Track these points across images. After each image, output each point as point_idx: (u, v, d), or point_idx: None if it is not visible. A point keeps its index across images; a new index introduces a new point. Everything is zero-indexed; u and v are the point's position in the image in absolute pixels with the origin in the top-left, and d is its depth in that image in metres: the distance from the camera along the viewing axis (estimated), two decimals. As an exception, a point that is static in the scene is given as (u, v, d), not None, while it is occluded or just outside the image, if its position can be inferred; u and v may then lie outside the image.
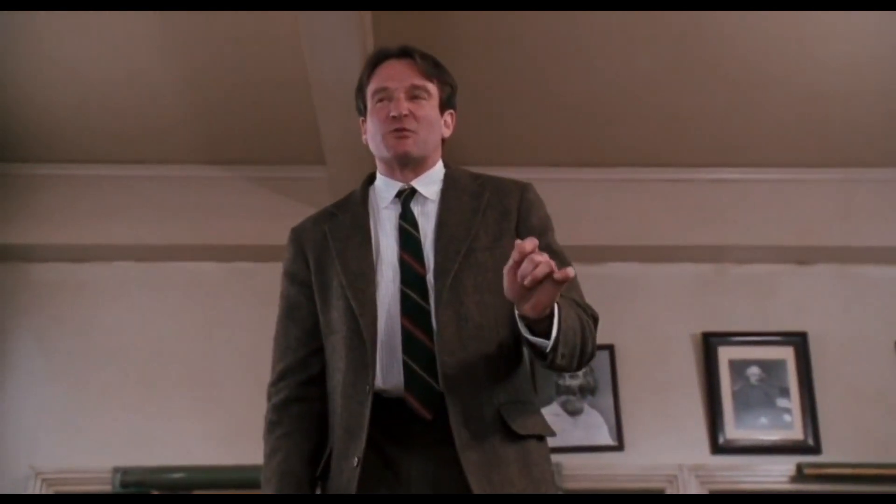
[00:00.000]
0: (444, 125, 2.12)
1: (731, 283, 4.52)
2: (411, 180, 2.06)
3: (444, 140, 2.14)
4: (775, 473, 4.13)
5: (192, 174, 4.50)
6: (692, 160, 4.48)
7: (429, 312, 1.90)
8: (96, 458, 4.08)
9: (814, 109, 4.13)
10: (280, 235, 4.36)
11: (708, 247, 4.46)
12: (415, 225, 2.01)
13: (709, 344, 4.34)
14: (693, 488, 4.08)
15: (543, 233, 2.02)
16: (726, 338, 4.36)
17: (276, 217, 4.42)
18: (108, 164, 4.46)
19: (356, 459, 1.84)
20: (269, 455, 1.97)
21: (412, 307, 1.91)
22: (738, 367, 4.30)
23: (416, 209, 2.04)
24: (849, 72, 3.91)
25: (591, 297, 2.09)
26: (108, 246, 4.41)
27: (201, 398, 4.22)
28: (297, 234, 2.13)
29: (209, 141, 4.36)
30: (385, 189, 2.09)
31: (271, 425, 1.99)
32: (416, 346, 1.89)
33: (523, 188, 2.09)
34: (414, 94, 2.05)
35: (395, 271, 1.96)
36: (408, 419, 1.87)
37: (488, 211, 2.02)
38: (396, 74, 2.06)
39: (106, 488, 4.00)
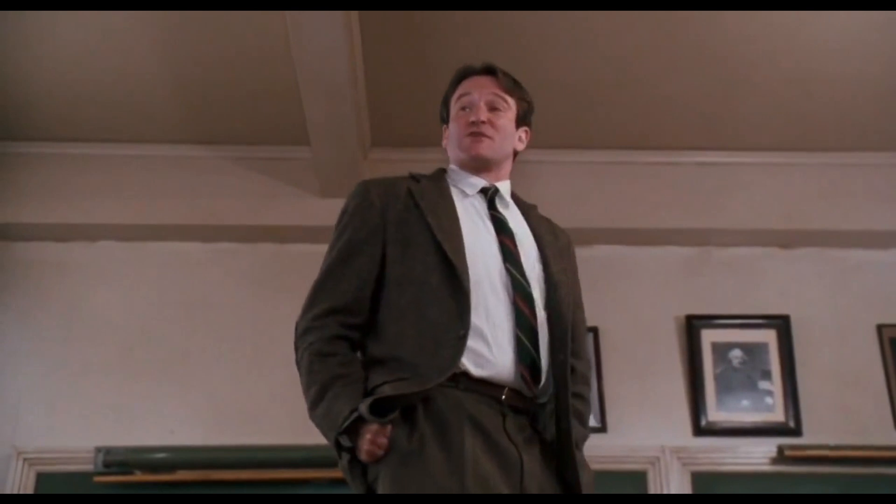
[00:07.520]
0: (518, 139, 2.28)
1: (716, 266, 4.53)
2: (493, 182, 2.21)
3: (515, 154, 2.29)
4: (756, 455, 4.15)
5: (176, 154, 4.48)
6: (678, 143, 4.48)
7: (532, 297, 2.03)
8: (79, 438, 4.07)
9: (799, 93, 4.13)
10: (263, 216, 4.42)
11: (693, 230, 4.47)
12: (505, 218, 2.16)
13: (692, 326, 4.36)
14: (675, 470, 4.10)
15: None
16: (709, 320, 4.37)
17: (259, 197, 4.43)
18: (91, 143, 4.44)
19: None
20: (335, 378, 1.94)
21: (519, 286, 2.03)
22: (720, 350, 4.32)
23: (500, 208, 2.19)
24: (834, 56, 3.91)
25: (575, 279, 2.22)
26: (91, 225, 4.39)
27: (184, 378, 4.21)
28: (372, 186, 2.17)
29: (193, 120, 4.33)
30: (465, 181, 2.21)
31: (323, 356, 1.97)
32: (527, 325, 1.99)
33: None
34: (494, 105, 2.21)
35: (496, 248, 2.07)
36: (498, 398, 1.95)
37: (565, 254, 2.25)
38: (479, 85, 2.23)
39: (88, 468, 3.99)
